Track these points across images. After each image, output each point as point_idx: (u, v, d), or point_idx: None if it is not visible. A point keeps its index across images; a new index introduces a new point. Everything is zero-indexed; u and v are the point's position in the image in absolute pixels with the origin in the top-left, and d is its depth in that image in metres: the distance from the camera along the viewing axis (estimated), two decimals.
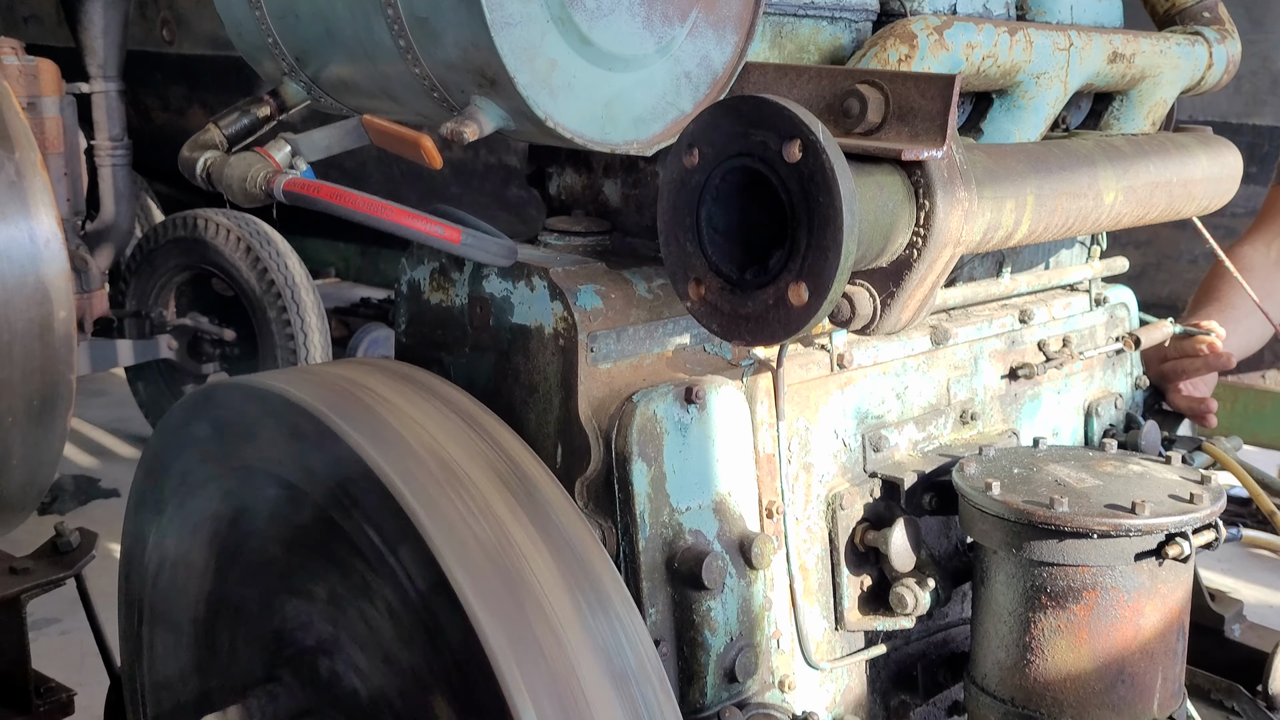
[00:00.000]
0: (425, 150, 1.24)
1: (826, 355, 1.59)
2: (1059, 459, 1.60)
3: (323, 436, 1.25)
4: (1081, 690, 1.46)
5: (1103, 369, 2.04)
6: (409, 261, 1.57)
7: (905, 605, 1.58)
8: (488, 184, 5.41)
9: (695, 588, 1.38)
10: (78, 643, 3.54)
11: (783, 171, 1.15)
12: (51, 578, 2.53)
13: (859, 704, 1.64)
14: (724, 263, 1.23)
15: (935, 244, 1.26)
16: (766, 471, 1.50)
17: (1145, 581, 1.44)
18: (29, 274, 2.70)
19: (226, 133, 1.42)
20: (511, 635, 1.15)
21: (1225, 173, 1.79)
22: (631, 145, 1.32)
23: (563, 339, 1.39)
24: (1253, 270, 2.46)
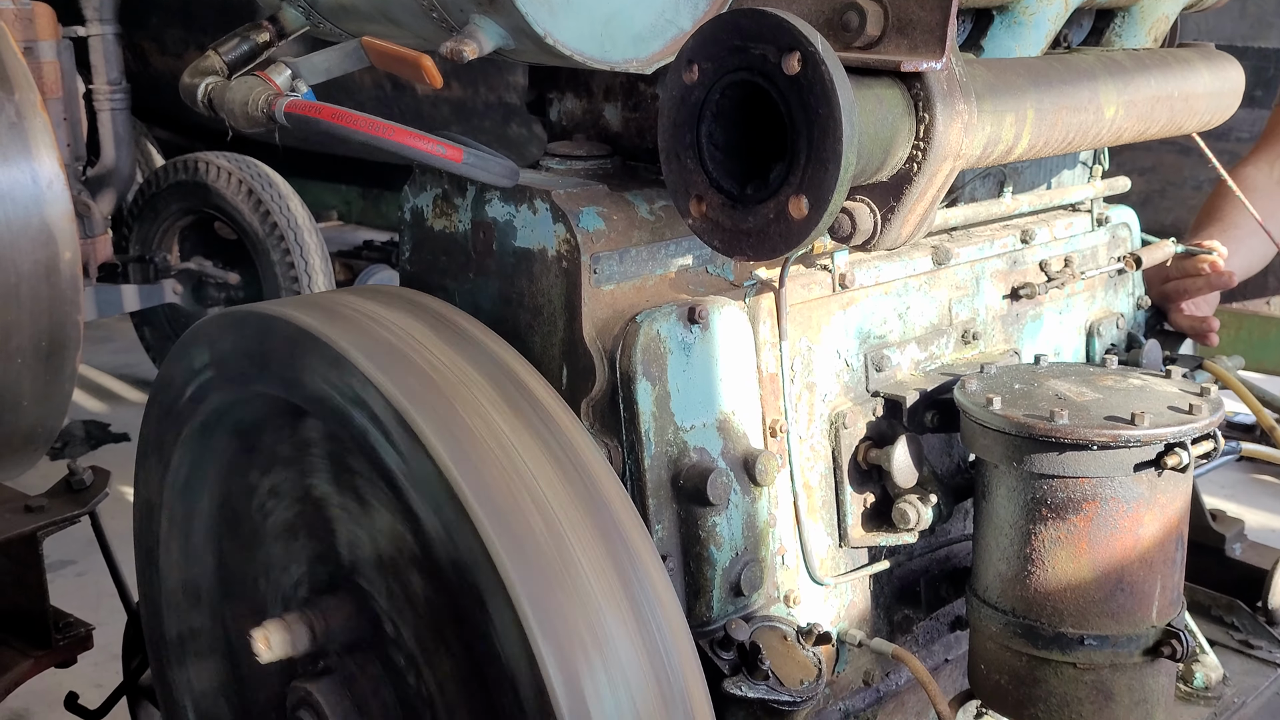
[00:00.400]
0: (425, 69, 1.24)
1: (828, 275, 1.60)
2: (1060, 375, 1.61)
3: (327, 357, 1.26)
4: (1081, 599, 1.48)
5: (1104, 289, 2.05)
6: (411, 189, 1.57)
7: (908, 521, 1.60)
8: (487, 122, 5.39)
9: (700, 504, 1.40)
10: (94, 584, 3.59)
11: (782, 84, 1.15)
12: (67, 515, 2.56)
13: (863, 618, 1.67)
14: (725, 178, 1.24)
15: (935, 157, 1.26)
16: (770, 391, 1.52)
17: (1144, 492, 1.46)
18: (33, 215, 2.70)
19: (226, 59, 1.43)
20: (522, 551, 1.18)
21: (1227, 87, 1.78)
22: (631, 64, 1.32)
23: (565, 261, 1.40)
24: (1255, 190, 2.46)
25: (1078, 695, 1.51)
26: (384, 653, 1.41)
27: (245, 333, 1.39)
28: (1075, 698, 1.51)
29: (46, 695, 3.01)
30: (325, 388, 1.27)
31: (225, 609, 1.69)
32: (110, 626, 2.70)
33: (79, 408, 5.61)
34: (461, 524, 1.16)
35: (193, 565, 1.67)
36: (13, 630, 2.52)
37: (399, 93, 5.54)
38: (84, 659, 2.78)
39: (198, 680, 1.73)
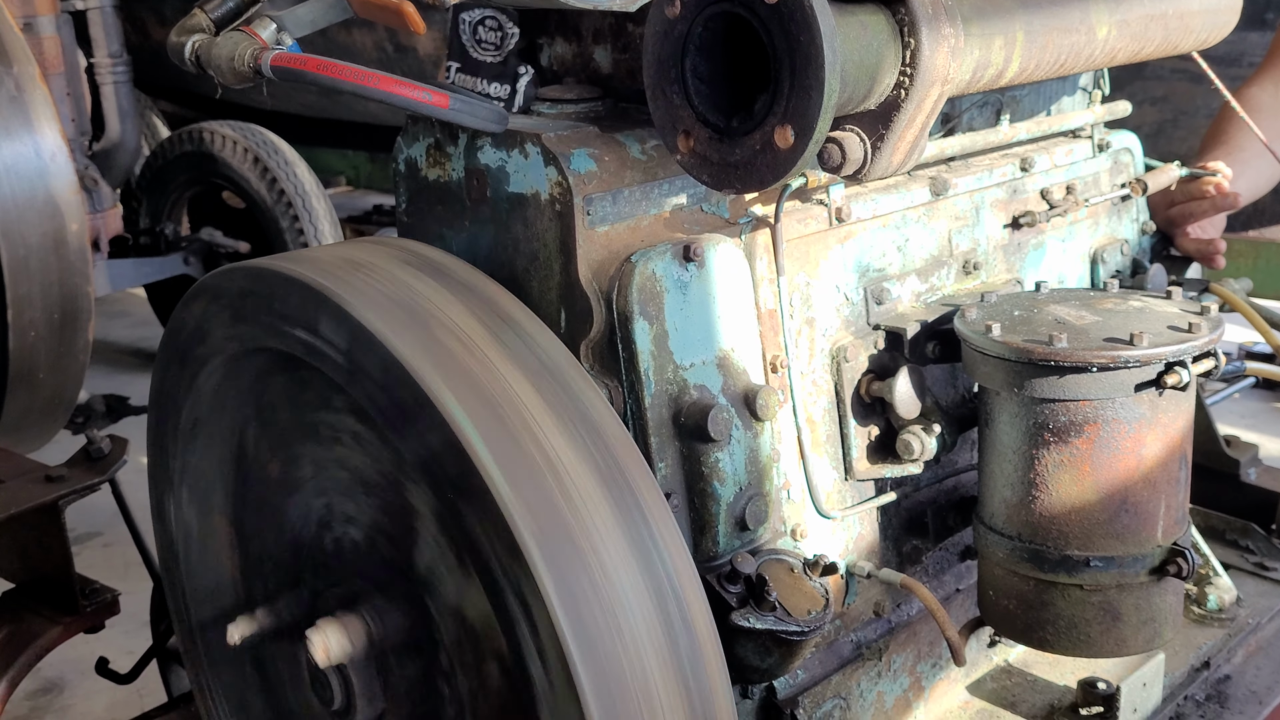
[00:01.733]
0: (408, 16, 1.24)
1: (825, 210, 1.59)
2: (1060, 300, 1.61)
3: (324, 307, 1.27)
4: (1086, 522, 1.49)
5: (1108, 215, 2.04)
6: (404, 139, 1.57)
7: (912, 452, 1.61)
8: None
9: (702, 440, 1.41)
10: (120, 554, 3.65)
11: (763, 13, 1.15)
12: (87, 483, 2.59)
13: (871, 550, 1.68)
14: (711, 112, 1.24)
15: (922, 82, 1.25)
16: (769, 327, 1.52)
17: (1146, 412, 1.46)
18: (38, 189, 2.72)
19: (213, 16, 1.43)
20: (525, 490, 1.19)
21: (1223, 4, 1.76)
22: (615, 2, 1.32)
23: (559, 204, 1.40)
24: (1261, 111, 2.43)
25: (1085, 617, 1.52)
26: (428, 652, 1.44)
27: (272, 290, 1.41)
28: (1083, 619, 1.52)
29: (80, 663, 3.07)
30: (331, 345, 1.29)
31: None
32: (138, 595, 2.75)
33: (97, 381, 5.67)
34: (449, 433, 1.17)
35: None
36: (41, 598, 2.56)
37: (401, 54, 5.53)
38: (114, 626, 2.83)
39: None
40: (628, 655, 1.19)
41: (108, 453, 2.69)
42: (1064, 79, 1.94)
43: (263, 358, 1.48)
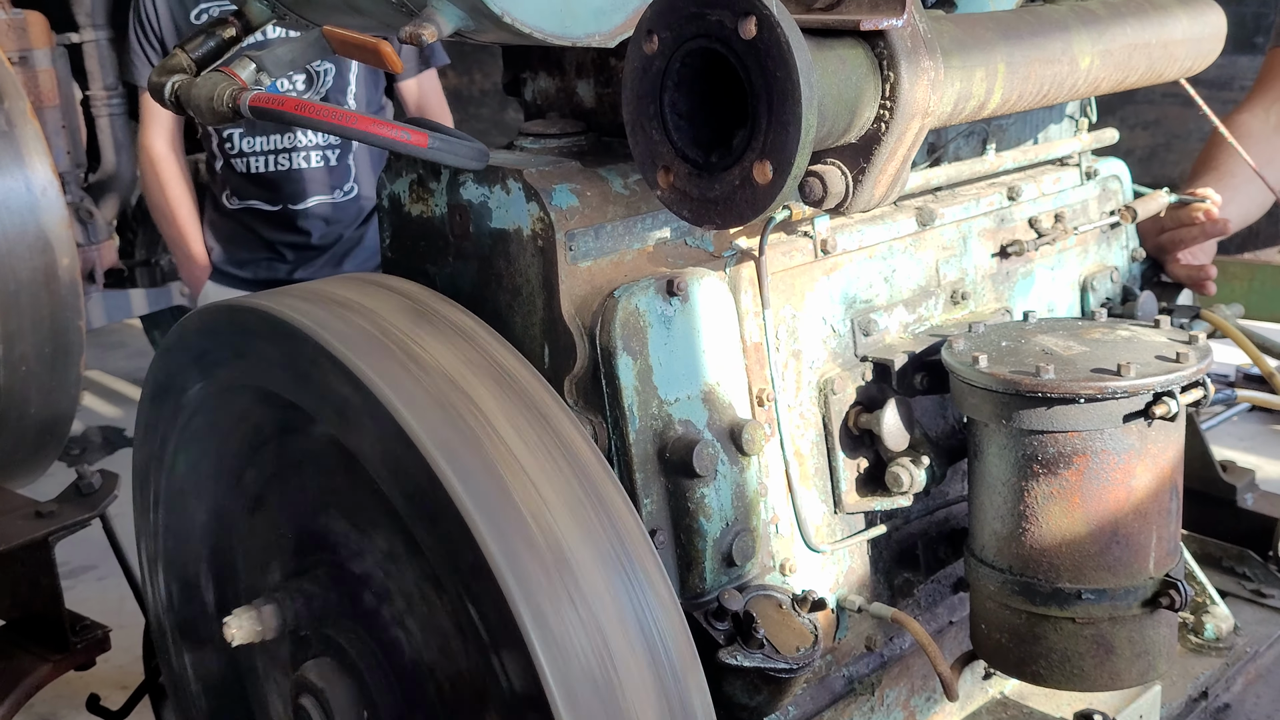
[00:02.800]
0: (385, 55, 1.24)
1: (810, 242, 1.59)
2: (1047, 330, 1.60)
3: (307, 347, 1.27)
4: (1077, 554, 1.48)
5: (1097, 243, 2.03)
6: (388, 175, 1.57)
7: (901, 484, 1.60)
8: (485, 109, 5.39)
9: (688, 476, 1.40)
10: (115, 587, 3.63)
11: (740, 49, 1.14)
12: (77, 519, 2.58)
13: (862, 584, 1.67)
14: (690, 148, 1.23)
15: (902, 116, 1.25)
16: (755, 360, 1.51)
17: (1135, 443, 1.45)
18: (29, 224, 2.71)
19: (193, 56, 1.43)
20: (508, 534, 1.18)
21: (1207, 32, 1.76)
22: (594, 38, 1.32)
23: (541, 240, 1.40)
24: (1252, 137, 2.43)
25: (1078, 650, 1.50)
26: (360, 610, 1.43)
27: (241, 326, 1.41)
28: (1076, 653, 1.51)
29: (73, 699, 3.05)
30: (321, 388, 1.29)
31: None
32: (133, 629, 2.73)
33: (94, 414, 5.66)
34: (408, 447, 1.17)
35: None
36: (30, 635, 2.54)
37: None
38: (108, 661, 2.81)
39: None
40: (612, 697, 1.18)
41: (98, 487, 2.68)
42: (1050, 107, 1.93)
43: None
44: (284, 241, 3.56)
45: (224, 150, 3.47)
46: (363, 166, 3.57)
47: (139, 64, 3.50)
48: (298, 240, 3.56)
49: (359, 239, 3.61)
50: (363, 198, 3.59)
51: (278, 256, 3.57)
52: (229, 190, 3.52)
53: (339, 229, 3.57)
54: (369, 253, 3.61)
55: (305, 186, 3.48)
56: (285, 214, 3.51)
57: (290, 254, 3.57)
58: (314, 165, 3.48)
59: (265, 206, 3.51)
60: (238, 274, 3.57)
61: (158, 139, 3.53)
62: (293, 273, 3.54)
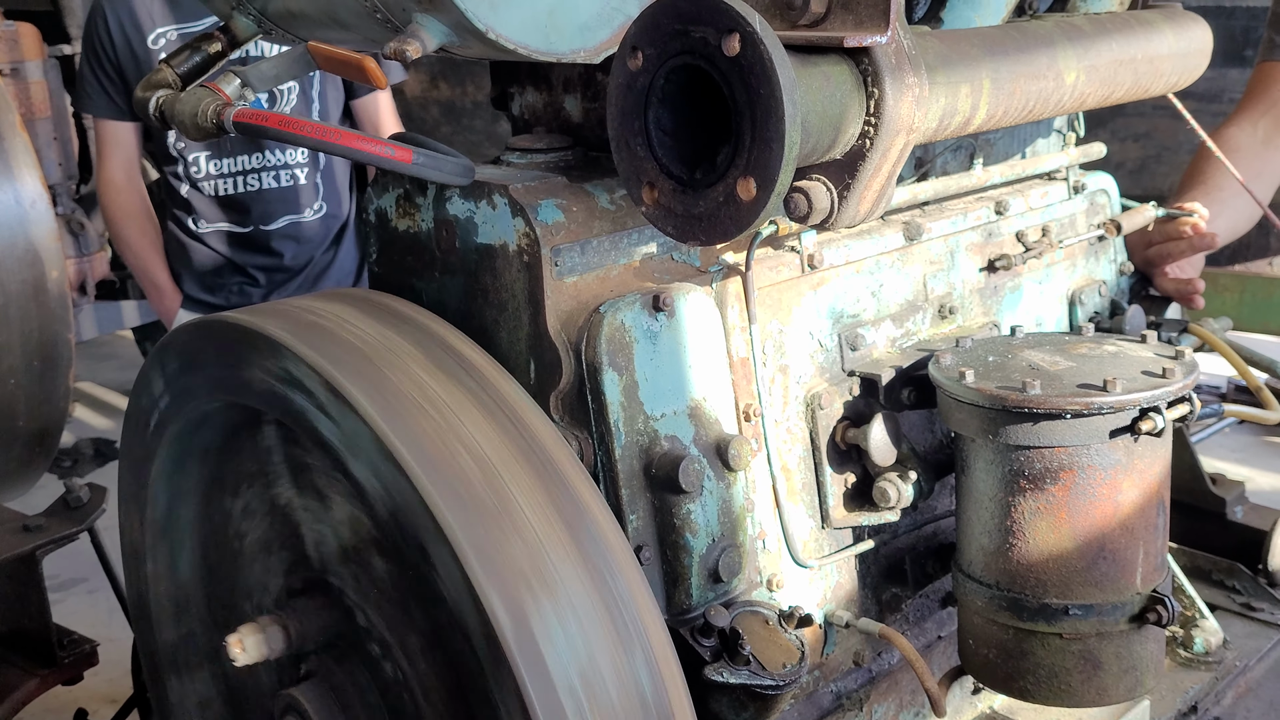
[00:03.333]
0: (369, 71, 1.24)
1: (797, 256, 1.59)
2: (1035, 345, 1.60)
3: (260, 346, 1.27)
4: (1064, 569, 1.47)
5: (1085, 257, 2.03)
6: (374, 190, 1.57)
7: (888, 499, 1.59)
8: (478, 121, 5.39)
9: (674, 492, 1.40)
10: (105, 600, 3.62)
11: (724, 66, 1.14)
12: (64, 533, 2.57)
13: (850, 599, 1.66)
14: (674, 164, 1.23)
15: (887, 132, 1.25)
16: (741, 375, 1.51)
17: (1121, 458, 1.45)
18: (18, 236, 2.70)
19: (179, 71, 1.42)
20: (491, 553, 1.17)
21: (1193, 48, 1.76)
22: (579, 54, 1.32)
23: (526, 255, 1.39)
24: (1239, 151, 2.44)
25: (1065, 666, 1.50)
26: (360, 645, 1.42)
27: (186, 343, 1.41)
28: (1063, 668, 1.50)
29: (61, 713, 3.03)
30: (262, 376, 1.28)
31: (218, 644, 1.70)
32: (122, 641, 2.72)
33: (86, 425, 5.65)
34: (395, 474, 1.17)
35: (183, 608, 1.69)
36: (17, 650, 2.53)
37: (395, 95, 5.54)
38: (97, 675, 2.80)
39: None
40: (597, 716, 1.17)
41: (86, 501, 2.68)
42: (1038, 122, 1.94)
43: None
44: (256, 264, 3.52)
45: (189, 174, 3.41)
46: (329, 186, 3.54)
47: (93, 93, 3.40)
48: (270, 262, 3.53)
49: (331, 260, 3.59)
50: (331, 217, 3.57)
51: (250, 280, 3.54)
52: (195, 214, 3.46)
53: (310, 249, 3.55)
54: (343, 274, 3.59)
55: (275, 206, 3.45)
56: (256, 235, 3.47)
57: (263, 277, 3.54)
58: (283, 185, 3.45)
59: (235, 229, 3.46)
60: (210, 300, 3.53)
61: (116, 169, 3.46)
62: (266, 296, 3.50)
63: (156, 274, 3.52)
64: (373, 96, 3.62)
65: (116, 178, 3.45)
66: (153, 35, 3.31)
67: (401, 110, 5.88)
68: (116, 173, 3.45)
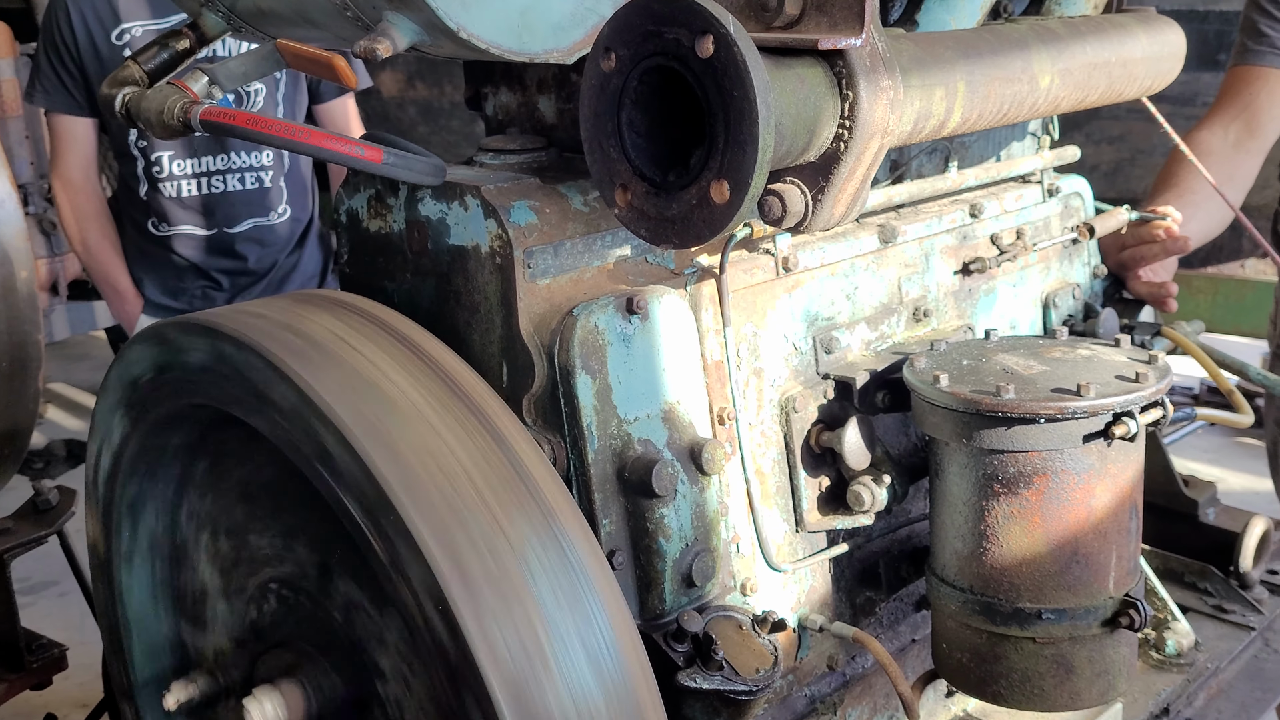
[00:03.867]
0: (338, 69, 1.22)
1: (772, 259, 1.58)
2: (1009, 349, 1.60)
3: (256, 366, 1.25)
4: (1037, 573, 1.47)
5: (1059, 260, 2.04)
6: (346, 191, 1.55)
7: (863, 503, 1.59)
8: (455, 121, 5.36)
9: (647, 496, 1.39)
10: (77, 603, 3.59)
11: (697, 68, 1.13)
12: (33, 536, 2.54)
13: (824, 603, 1.66)
14: (647, 166, 1.22)
15: (861, 135, 1.25)
16: (715, 378, 1.50)
17: (1095, 463, 1.45)
18: None
19: (146, 68, 1.41)
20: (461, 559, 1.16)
21: (1166, 51, 1.77)
22: (552, 54, 1.31)
23: (499, 257, 1.38)
24: (1211, 154, 2.46)
25: (1039, 670, 1.50)
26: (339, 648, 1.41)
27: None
28: (1036, 672, 1.50)
29: (31, 717, 3.00)
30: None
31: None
32: (93, 645, 2.69)
33: (58, 426, 5.60)
34: (365, 476, 1.16)
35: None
36: None
37: (364, 96, 5.52)
38: (68, 679, 2.77)
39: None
40: None
41: (55, 504, 2.65)
42: (1013, 125, 1.94)
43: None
44: (219, 267, 3.46)
45: (150, 174, 3.32)
46: (294, 189, 3.50)
47: (50, 87, 3.28)
48: (233, 265, 3.47)
49: (295, 264, 3.55)
50: (295, 220, 3.53)
51: (213, 284, 3.48)
52: (156, 216, 3.39)
53: (274, 253, 3.50)
54: (306, 277, 3.54)
55: (239, 209, 3.39)
56: (220, 238, 3.41)
57: (227, 280, 3.49)
58: (248, 187, 3.40)
59: (198, 231, 3.39)
60: (173, 305, 3.45)
61: (74, 168, 3.34)
62: (230, 300, 3.44)
63: (117, 278, 3.43)
64: (339, 102, 3.58)
65: (74, 177, 3.34)
66: (118, 30, 3.23)
67: (378, 110, 5.87)
68: (74, 171, 3.34)
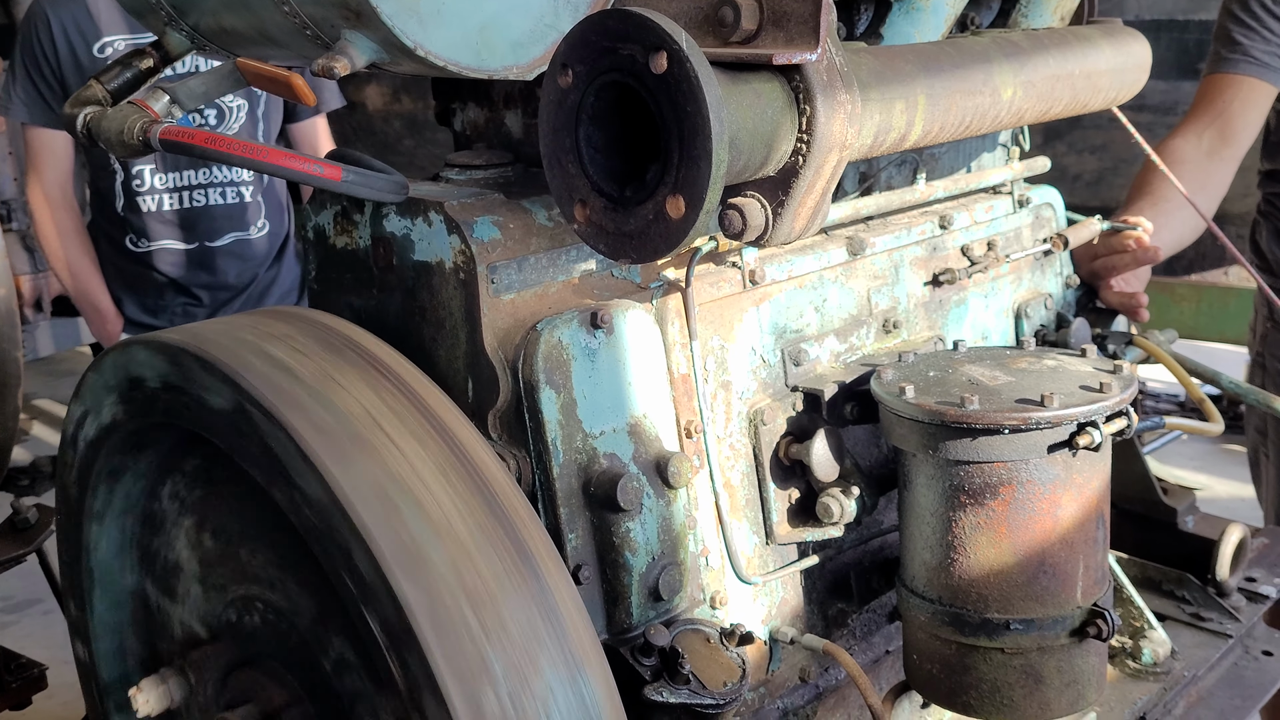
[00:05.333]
0: (296, 88, 1.23)
1: (738, 272, 1.59)
2: (975, 360, 1.61)
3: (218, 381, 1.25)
4: (1005, 584, 1.47)
5: (1031, 270, 2.04)
6: (312, 207, 1.56)
7: (832, 515, 1.59)
8: (441, 134, 5.36)
9: (612, 510, 1.39)
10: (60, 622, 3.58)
11: (651, 84, 1.14)
12: (12, 554, 2.54)
13: (795, 615, 1.66)
14: (605, 181, 1.23)
15: (819, 149, 1.25)
16: (682, 392, 1.50)
17: (1060, 473, 1.45)
18: None
19: (109, 87, 1.41)
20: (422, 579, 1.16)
21: (1131, 63, 1.78)
22: (511, 70, 1.31)
23: (463, 272, 1.38)
24: (1185, 163, 2.47)
25: (1008, 680, 1.50)
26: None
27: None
28: (1005, 683, 1.50)
29: None
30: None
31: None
32: None
33: (43, 443, 5.58)
34: (326, 494, 1.16)
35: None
36: None
37: (349, 110, 5.52)
38: (51, 698, 2.76)
39: None
40: None
41: (34, 522, 2.65)
42: (983, 136, 1.95)
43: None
44: (200, 283, 3.45)
45: (129, 188, 3.30)
46: (271, 203, 3.50)
47: (27, 100, 3.25)
48: (213, 281, 3.46)
49: (273, 278, 3.54)
50: (274, 234, 3.52)
51: (194, 300, 3.47)
52: (134, 232, 3.36)
53: (253, 267, 3.50)
54: (284, 291, 3.54)
55: (219, 223, 3.38)
56: (200, 253, 3.40)
57: (207, 296, 3.48)
58: (229, 201, 3.39)
59: (178, 245, 3.38)
60: (153, 323, 3.43)
61: (52, 184, 3.30)
62: (211, 316, 3.43)
63: (98, 296, 3.40)
64: (310, 121, 3.58)
65: (53, 193, 3.31)
66: (99, 43, 3.21)
67: (364, 124, 5.88)
68: (52, 188, 3.31)
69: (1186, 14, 4.38)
